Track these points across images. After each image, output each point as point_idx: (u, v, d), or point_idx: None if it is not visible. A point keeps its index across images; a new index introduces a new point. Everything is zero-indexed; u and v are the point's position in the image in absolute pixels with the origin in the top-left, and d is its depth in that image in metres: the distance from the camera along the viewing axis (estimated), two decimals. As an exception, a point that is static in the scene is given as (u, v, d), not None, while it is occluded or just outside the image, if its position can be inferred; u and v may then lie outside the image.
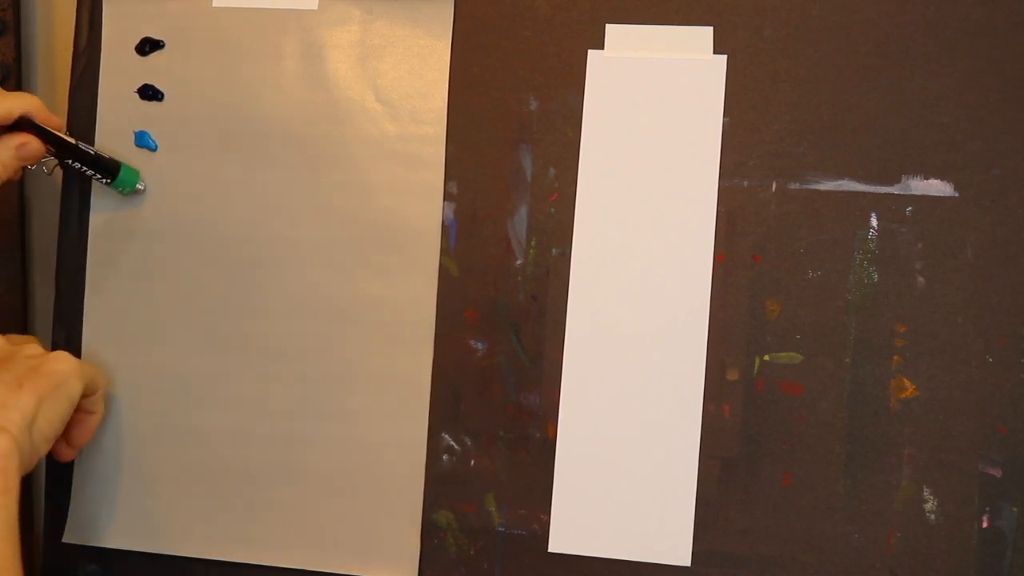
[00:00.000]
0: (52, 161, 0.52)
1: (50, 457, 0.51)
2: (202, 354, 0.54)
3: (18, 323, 0.63)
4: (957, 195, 0.48)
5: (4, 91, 0.50)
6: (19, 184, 0.62)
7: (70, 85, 0.55)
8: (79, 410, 0.50)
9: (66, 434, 0.52)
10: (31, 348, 0.48)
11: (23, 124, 0.50)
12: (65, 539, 0.54)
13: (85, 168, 0.53)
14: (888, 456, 0.48)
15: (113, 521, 0.54)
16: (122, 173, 0.53)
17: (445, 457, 0.52)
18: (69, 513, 0.54)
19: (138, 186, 0.54)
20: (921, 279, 0.48)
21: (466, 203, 0.52)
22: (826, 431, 0.49)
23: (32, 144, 0.50)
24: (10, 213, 0.62)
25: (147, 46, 0.55)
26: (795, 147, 0.50)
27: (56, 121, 0.52)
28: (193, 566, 0.53)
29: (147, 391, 0.54)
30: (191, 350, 0.54)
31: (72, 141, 0.52)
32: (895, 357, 0.48)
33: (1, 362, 0.47)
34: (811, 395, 0.49)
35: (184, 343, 0.54)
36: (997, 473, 0.47)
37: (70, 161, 0.52)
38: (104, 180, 0.53)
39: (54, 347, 0.55)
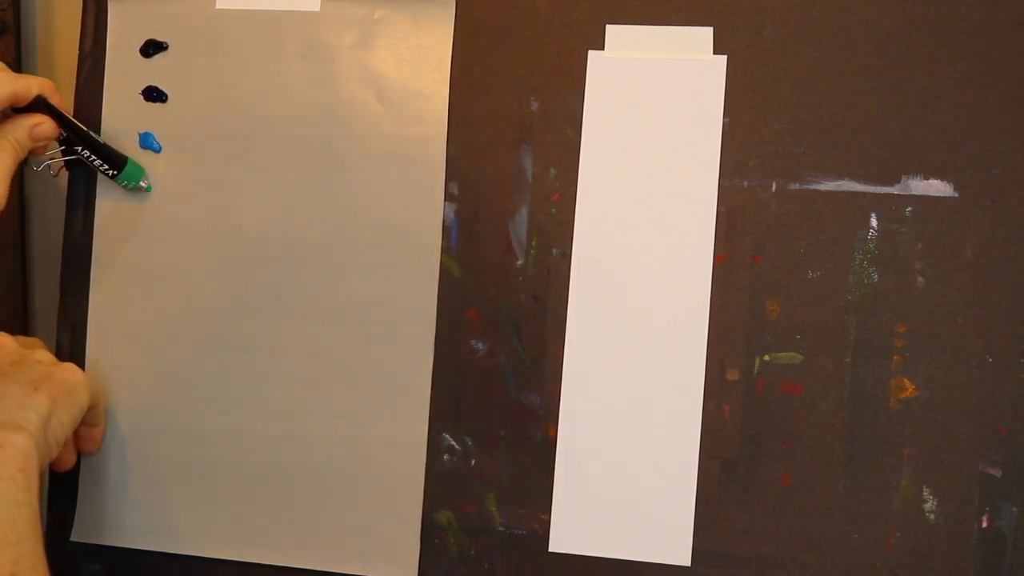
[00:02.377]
0: (58, 162, 0.55)
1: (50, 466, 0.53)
2: (204, 354, 0.56)
3: (18, 323, 0.65)
4: (957, 195, 0.51)
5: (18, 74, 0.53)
6: (19, 184, 0.65)
7: (76, 87, 0.58)
8: (83, 423, 0.53)
9: (74, 445, 0.55)
10: (41, 354, 0.51)
11: (38, 105, 0.53)
12: (73, 538, 0.57)
13: (93, 158, 0.55)
14: (888, 456, 0.51)
15: (119, 520, 0.56)
16: (128, 166, 0.56)
17: (446, 457, 0.54)
18: (76, 512, 0.57)
19: (142, 182, 0.57)
20: (921, 279, 0.51)
21: (467, 203, 0.55)
22: (826, 431, 0.51)
23: (46, 125, 0.53)
24: (10, 213, 0.64)
25: (151, 48, 0.57)
26: (795, 147, 0.52)
27: (67, 107, 0.55)
28: (193, 565, 0.56)
29: (150, 391, 0.56)
30: (194, 350, 0.56)
31: (83, 127, 0.54)
32: (895, 357, 0.51)
33: (14, 364, 0.49)
34: (811, 395, 0.51)
35: (187, 343, 0.56)
36: (997, 473, 0.50)
37: (79, 149, 0.54)
38: (110, 172, 0.56)
39: (58, 346, 0.58)
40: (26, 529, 0.44)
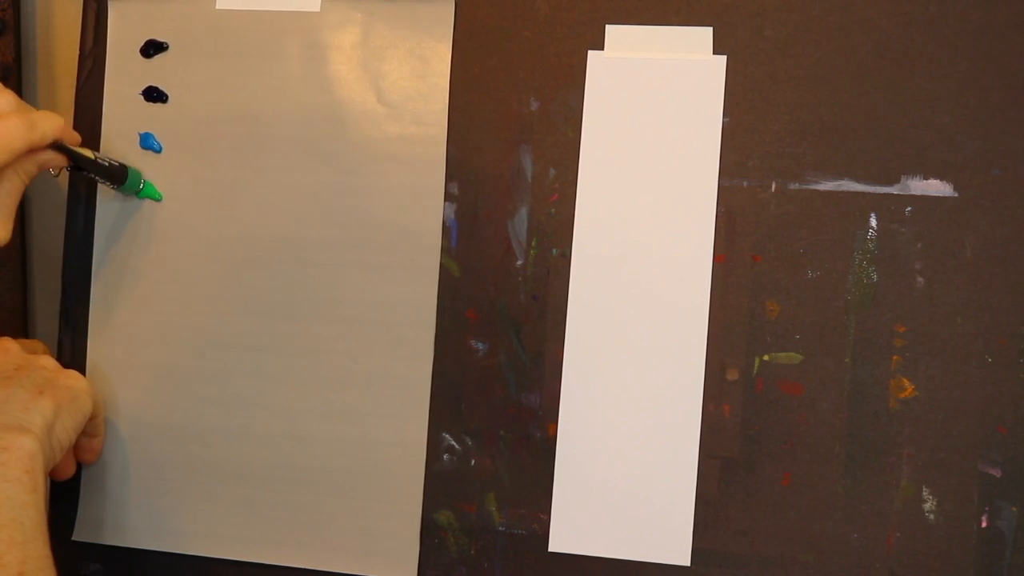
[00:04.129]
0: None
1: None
2: (204, 354, 0.56)
3: (18, 323, 0.65)
4: (957, 195, 0.51)
5: (31, 113, 0.50)
6: (19, 184, 0.65)
7: (76, 87, 0.58)
8: (83, 433, 0.53)
9: (73, 455, 0.55)
10: (46, 359, 0.51)
11: (53, 146, 0.51)
12: (74, 537, 0.57)
13: (98, 178, 0.55)
14: (888, 456, 0.51)
15: (120, 520, 0.56)
16: (129, 177, 0.56)
17: (446, 457, 0.54)
18: (78, 512, 0.57)
19: (141, 185, 0.57)
20: (921, 279, 0.51)
21: (467, 204, 0.55)
22: (826, 431, 0.51)
23: (56, 160, 0.52)
24: (11, 213, 0.65)
25: (151, 48, 0.57)
26: (795, 147, 0.52)
27: (76, 136, 0.54)
28: (194, 564, 0.56)
29: (151, 390, 0.56)
30: (193, 350, 0.56)
31: (92, 156, 0.54)
32: (895, 357, 0.51)
33: (19, 369, 0.50)
34: (811, 395, 0.51)
35: (187, 343, 0.56)
36: (997, 473, 0.50)
37: (85, 172, 0.54)
38: (113, 186, 0.56)
39: (59, 347, 0.58)
40: (33, 530, 0.45)
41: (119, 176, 0.55)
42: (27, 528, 0.44)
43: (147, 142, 0.57)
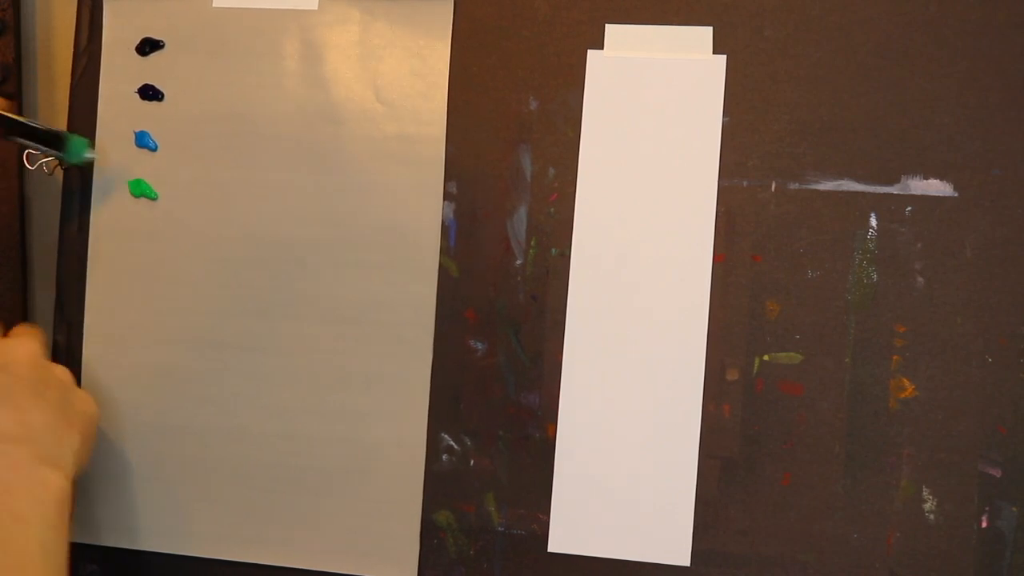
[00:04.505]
0: (53, 161, 0.55)
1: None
2: (202, 354, 0.56)
3: (18, 323, 0.65)
4: (957, 195, 0.50)
5: None
6: (19, 184, 0.65)
7: (71, 85, 0.58)
8: None
9: None
10: (60, 371, 0.52)
11: None
12: (72, 538, 0.56)
13: (35, 145, 0.54)
14: (888, 456, 0.50)
15: (116, 520, 0.56)
16: (71, 143, 0.55)
17: (445, 457, 0.54)
18: (75, 513, 0.56)
19: (87, 154, 0.56)
20: (920, 279, 0.50)
21: (466, 203, 0.54)
22: (826, 431, 0.51)
23: None
24: (10, 213, 0.64)
25: (147, 46, 0.57)
26: (795, 147, 0.52)
27: (3, 102, 0.54)
28: (191, 565, 0.55)
29: (147, 390, 0.56)
30: (191, 350, 0.56)
31: (23, 120, 0.53)
32: (895, 357, 0.50)
33: (42, 381, 0.49)
34: (811, 395, 0.51)
35: (184, 343, 0.56)
36: (997, 473, 0.49)
37: (16, 138, 0.53)
38: (57, 155, 0.55)
39: (55, 346, 0.57)
40: (56, 571, 0.45)
41: (57, 142, 0.54)
42: (50, 568, 0.45)
43: (143, 140, 0.57)
